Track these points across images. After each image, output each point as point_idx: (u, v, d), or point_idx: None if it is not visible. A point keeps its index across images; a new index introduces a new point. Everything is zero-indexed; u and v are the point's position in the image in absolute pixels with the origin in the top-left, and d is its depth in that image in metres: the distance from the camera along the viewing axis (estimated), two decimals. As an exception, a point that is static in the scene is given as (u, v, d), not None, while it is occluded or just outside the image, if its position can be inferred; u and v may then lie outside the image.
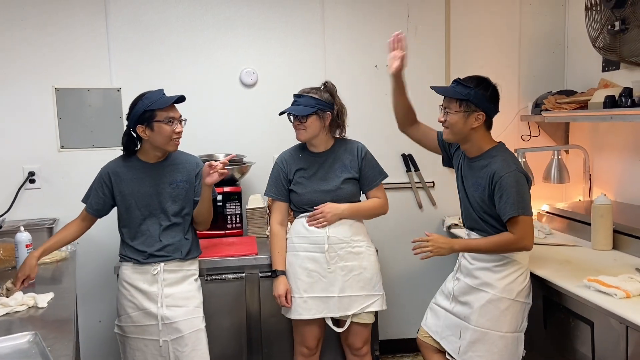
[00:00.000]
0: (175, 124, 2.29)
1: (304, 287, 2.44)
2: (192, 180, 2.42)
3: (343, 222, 2.47)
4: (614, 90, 2.73)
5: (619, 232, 2.63)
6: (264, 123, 3.27)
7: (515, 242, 2.15)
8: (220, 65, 3.26)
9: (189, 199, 2.41)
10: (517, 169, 2.17)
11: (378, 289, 2.51)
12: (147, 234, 2.36)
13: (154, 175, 2.37)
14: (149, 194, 2.36)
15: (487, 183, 2.18)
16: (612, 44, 2.79)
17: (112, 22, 3.11)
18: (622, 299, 1.95)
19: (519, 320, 2.24)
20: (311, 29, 3.33)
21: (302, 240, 2.47)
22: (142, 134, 2.29)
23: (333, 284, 2.43)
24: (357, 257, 2.47)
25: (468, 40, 3.47)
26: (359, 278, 2.46)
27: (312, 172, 2.50)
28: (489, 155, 2.23)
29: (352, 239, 2.47)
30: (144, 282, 2.34)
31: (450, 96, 2.21)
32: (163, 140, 2.29)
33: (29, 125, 3.05)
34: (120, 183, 2.36)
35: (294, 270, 2.47)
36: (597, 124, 3.24)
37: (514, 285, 2.21)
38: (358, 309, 2.45)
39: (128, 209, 2.37)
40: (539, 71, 3.54)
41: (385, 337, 3.51)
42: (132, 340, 2.34)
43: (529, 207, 2.15)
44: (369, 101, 3.41)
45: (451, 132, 2.25)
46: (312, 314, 2.44)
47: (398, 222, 3.50)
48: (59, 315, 1.98)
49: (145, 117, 2.26)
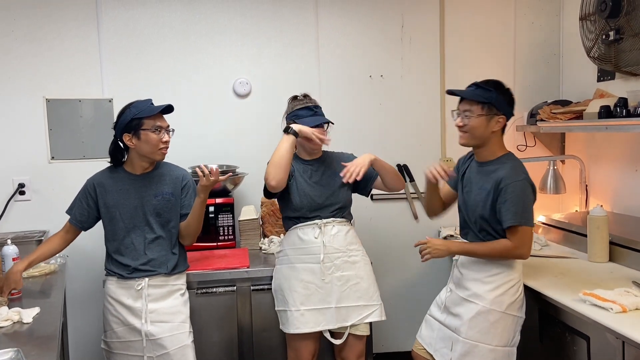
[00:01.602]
0: (162, 133, 2.27)
1: (300, 300, 2.39)
2: (178, 192, 2.39)
3: (339, 230, 2.44)
4: (609, 100, 2.71)
5: (616, 244, 2.60)
6: (258, 134, 3.24)
7: (512, 249, 2.13)
8: (213, 75, 3.23)
9: (175, 211, 2.37)
10: (526, 178, 2.15)
11: (376, 299, 2.47)
12: (131, 247, 2.32)
13: (139, 186, 2.34)
14: (133, 205, 2.32)
15: (493, 188, 2.15)
16: (607, 53, 2.77)
17: (104, 32, 3.09)
18: (618, 313, 1.91)
19: (510, 334, 2.20)
20: (305, 39, 3.31)
21: (297, 252, 2.43)
22: (128, 142, 2.26)
23: (330, 295, 2.39)
24: (353, 266, 2.43)
25: (463, 50, 3.46)
26: (357, 288, 2.42)
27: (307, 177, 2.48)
28: (500, 161, 2.21)
29: (347, 248, 2.44)
30: (129, 298, 2.29)
31: (474, 99, 2.17)
32: (150, 149, 2.26)
33: (19, 136, 3.02)
34: (105, 194, 2.33)
35: (290, 284, 2.42)
36: (593, 134, 3.21)
37: (504, 297, 2.17)
38: (356, 319, 2.41)
39: (112, 221, 2.33)
40: (534, 81, 3.52)
41: (381, 350, 3.46)
42: (117, 356, 2.30)
43: (531, 218, 2.13)
44: (364, 111, 3.39)
45: (471, 136, 2.20)
46: (310, 327, 2.38)
47: (393, 233, 3.46)
48: (44, 331, 1.94)
49: (132, 126, 2.23)
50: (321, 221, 2.43)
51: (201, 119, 3.22)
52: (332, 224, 2.44)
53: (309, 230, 2.43)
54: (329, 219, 2.44)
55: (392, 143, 3.43)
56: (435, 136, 3.47)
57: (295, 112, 2.45)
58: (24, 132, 3.03)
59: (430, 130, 3.48)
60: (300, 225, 2.45)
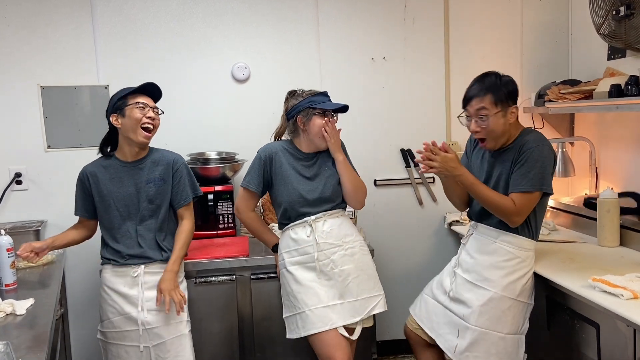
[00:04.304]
0: (147, 109, 2.25)
1: (311, 301, 2.27)
2: (169, 178, 2.36)
3: (331, 222, 2.34)
4: (620, 78, 2.61)
5: (626, 228, 2.52)
6: (257, 119, 3.17)
7: (511, 213, 2.05)
8: (211, 60, 3.15)
9: (165, 197, 2.34)
10: (550, 146, 2.08)
11: (378, 289, 2.39)
12: (127, 235, 2.30)
13: (131, 174, 2.32)
14: (127, 193, 2.31)
15: (515, 157, 2.07)
16: (618, 30, 2.67)
17: (98, 17, 3.01)
18: (628, 299, 1.84)
19: (520, 322, 2.13)
20: (305, 21, 3.21)
21: (292, 255, 2.34)
22: (115, 122, 2.26)
23: (334, 292, 2.28)
24: (351, 259, 2.34)
25: (468, 30, 3.36)
26: (358, 281, 2.33)
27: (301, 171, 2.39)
28: (520, 137, 2.12)
29: (343, 240, 2.34)
30: (125, 286, 2.27)
31: (487, 94, 2.06)
32: (132, 124, 2.23)
33: (14, 125, 2.97)
34: (98, 184, 2.32)
35: (293, 288, 2.31)
36: (603, 115, 3.11)
37: (516, 284, 2.11)
38: (364, 313, 2.31)
39: (107, 210, 2.32)
40: (542, 61, 3.42)
41: (386, 337, 3.41)
42: (113, 346, 2.27)
43: (548, 184, 2.05)
44: (366, 95, 3.31)
45: (493, 138, 2.11)
46: (330, 324, 2.24)
47: (398, 219, 3.40)
48: (36, 324, 1.89)
49: (117, 106, 2.25)
50: (311, 218, 2.33)
51: (199, 105, 3.15)
52: (323, 219, 2.34)
53: (300, 230, 2.34)
54: (319, 215, 2.34)
55: (395, 127, 3.35)
56: (440, 119, 3.38)
57: (310, 99, 2.33)
58: (19, 120, 2.97)
59: (435, 113, 3.39)
60: (291, 225, 2.36)
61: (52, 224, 2.97)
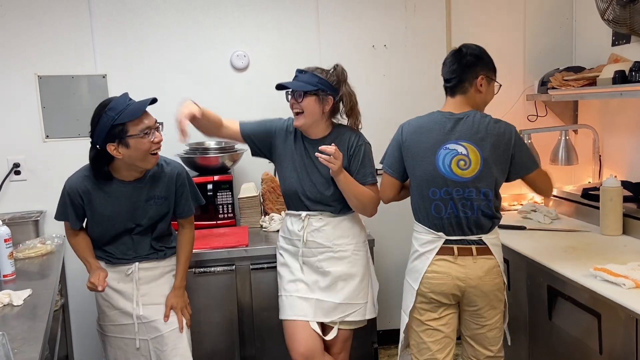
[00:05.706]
0: (152, 133, 2.00)
1: (284, 286, 2.27)
2: (172, 193, 2.21)
3: (326, 223, 2.23)
4: (624, 65, 2.57)
5: (630, 216, 2.50)
6: (256, 108, 3.12)
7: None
8: (209, 48, 3.12)
9: (168, 214, 2.24)
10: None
11: (361, 298, 2.27)
12: (121, 247, 2.20)
13: (130, 194, 2.12)
14: (125, 212, 2.14)
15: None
16: (622, 15, 2.62)
17: (95, 5, 2.98)
18: (631, 289, 1.82)
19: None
20: (305, 8, 3.17)
21: (285, 241, 2.32)
22: (114, 153, 1.98)
23: (313, 288, 2.23)
24: (339, 262, 2.23)
25: (470, 16, 3.31)
26: (341, 286, 2.24)
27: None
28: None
29: (334, 242, 2.23)
30: (119, 282, 2.20)
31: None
32: (141, 155, 2.01)
33: (12, 115, 2.94)
34: (91, 202, 2.12)
35: (282, 270, 2.31)
36: (607, 102, 3.07)
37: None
38: (337, 317, 2.24)
39: (100, 225, 2.17)
40: (545, 47, 3.37)
41: (387, 327, 3.40)
42: (111, 339, 2.24)
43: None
44: (367, 83, 3.26)
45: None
46: (300, 315, 2.22)
47: (396, 209, 3.33)
48: (35, 314, 1.88)
49: (115, 134, 1.95)
50: (306, 213, 2.23)
51: (197, 94, 3.04)
52: (318, 216, 2.23)
53: (295, 221, 2.27)
54: (315, 212, 2.24)
55: (397, 116, 3.29)
56: (442, 107, 3.33)
57: None
58: (17, 110, 2.95)
59: (438, 102, 3.33)
60: (290, 212, 2.31)
61: (51, 214, 2.90)
